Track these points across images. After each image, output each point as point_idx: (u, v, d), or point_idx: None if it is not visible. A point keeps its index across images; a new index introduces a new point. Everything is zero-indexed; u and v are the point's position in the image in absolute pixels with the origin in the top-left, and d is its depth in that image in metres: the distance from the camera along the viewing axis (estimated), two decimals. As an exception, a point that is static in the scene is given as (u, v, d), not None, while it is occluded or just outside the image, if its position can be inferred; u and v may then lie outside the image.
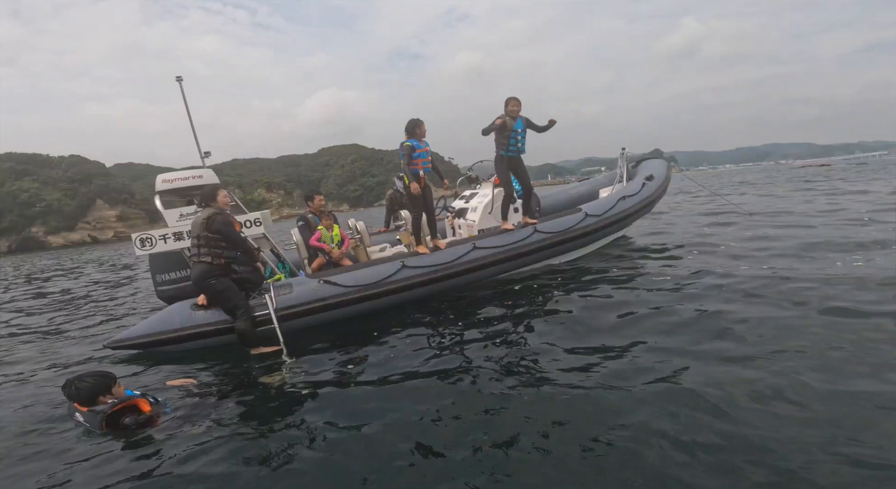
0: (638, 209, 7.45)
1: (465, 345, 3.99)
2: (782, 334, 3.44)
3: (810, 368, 2.88)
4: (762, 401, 2.58)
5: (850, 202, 11.22)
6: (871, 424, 2.29)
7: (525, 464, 2.25)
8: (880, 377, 2.71)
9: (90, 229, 77.69)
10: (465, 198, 7.71)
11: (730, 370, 2.96)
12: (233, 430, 2.87)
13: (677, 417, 2.48)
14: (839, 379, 2.74)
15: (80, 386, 3.06)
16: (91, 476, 2.52)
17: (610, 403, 2.71)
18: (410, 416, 2.84)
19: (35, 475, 2.60)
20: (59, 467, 2.64)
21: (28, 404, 3.65)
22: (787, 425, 2.34)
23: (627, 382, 2.94)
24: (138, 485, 2.39)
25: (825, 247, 6.16)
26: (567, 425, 2.54)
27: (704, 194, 17.41)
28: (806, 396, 2.58)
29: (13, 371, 4.68)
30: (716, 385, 2.78)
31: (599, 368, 3.21)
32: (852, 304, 3.87)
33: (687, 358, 3.21)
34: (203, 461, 2.54)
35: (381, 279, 5.14)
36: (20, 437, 3.08)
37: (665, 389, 2.80)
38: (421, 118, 5.62)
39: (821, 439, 2.21)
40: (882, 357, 2.95)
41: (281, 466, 2.44)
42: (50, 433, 3.10)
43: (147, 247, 5.06)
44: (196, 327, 4.63)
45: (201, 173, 5.43)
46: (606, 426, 2.48)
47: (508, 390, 3.02)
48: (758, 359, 3.07)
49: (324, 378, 3.63)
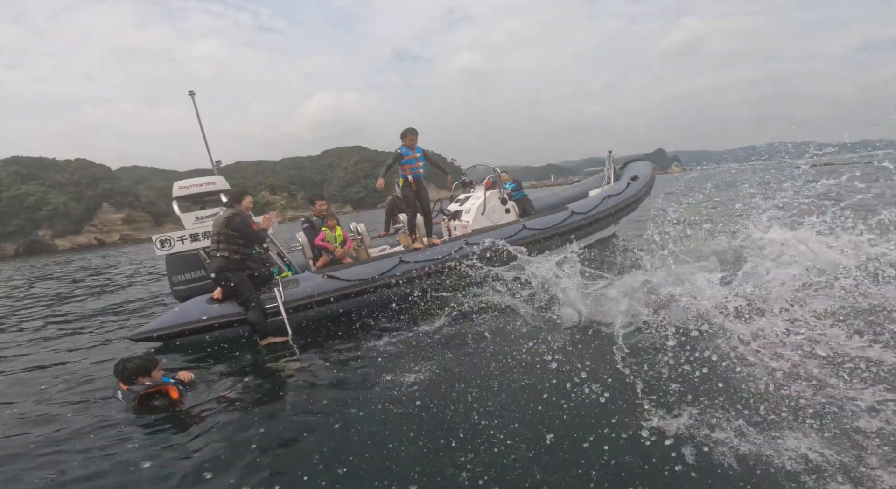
0: (622, 207, 7.93)
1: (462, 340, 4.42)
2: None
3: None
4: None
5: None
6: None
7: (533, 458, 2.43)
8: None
9: (96, 232, 78.55)
10: (459, 201, 8.19)
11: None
12: (243, 417, 3.26)
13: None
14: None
15: (126, 365, 3.57)
16: (113, 445, 3.02)
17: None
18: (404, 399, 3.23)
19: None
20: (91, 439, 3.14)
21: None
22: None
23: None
24: (155, 460, 2.83)
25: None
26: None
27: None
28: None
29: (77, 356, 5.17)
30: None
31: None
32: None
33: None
34: (214, 445, 2.93)
35: (380, 273, 5.62)
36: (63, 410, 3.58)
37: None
38: (417, 125, 6.19)
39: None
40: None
41: (285, 447, 2.80)
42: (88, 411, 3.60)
43: (167, 247, 5.55)
44: (212, 319, 5.11)
45: (214, 180, 5.92)
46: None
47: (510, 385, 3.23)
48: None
49: (325, 366, 4.06)
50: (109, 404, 3.65)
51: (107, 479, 2.67)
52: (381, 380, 3.58)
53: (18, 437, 3.27)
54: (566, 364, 3.37)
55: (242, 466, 2.63)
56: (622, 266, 5.37)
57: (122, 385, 3.58)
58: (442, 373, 3.60)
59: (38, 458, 2.96)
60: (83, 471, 2.77)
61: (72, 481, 2.68)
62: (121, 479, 2.64)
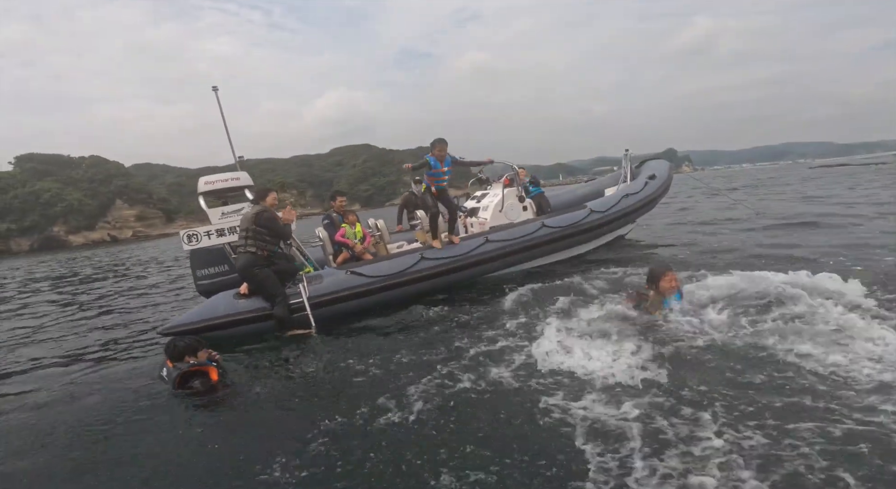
0: (640, 206, 7.92)
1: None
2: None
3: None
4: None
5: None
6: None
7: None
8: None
9: (110, 228, 79.57)
10: (476, 198, 8.23)
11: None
12: (271, 403, 3.44)
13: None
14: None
15: (177, 343, 3.77)
16: (152, 418, 3.25)
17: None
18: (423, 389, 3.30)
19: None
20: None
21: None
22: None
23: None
24: (186, 433, 3.02)
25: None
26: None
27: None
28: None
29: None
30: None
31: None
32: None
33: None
34: (244, 425, 3.13)
35: (402, 269, 5.69)
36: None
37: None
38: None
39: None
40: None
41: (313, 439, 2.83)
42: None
43: (193, 242, 5.66)
44: (239, 314, 5.21)
45: (238, 176, 6.03)
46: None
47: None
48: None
49: (348, 358, 4.11)
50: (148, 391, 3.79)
51: (147, 455, 2.83)
52: (407, 374, 3.61)
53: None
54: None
55: (284, 454, 2.70)
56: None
57: (169, 363, 3.74)
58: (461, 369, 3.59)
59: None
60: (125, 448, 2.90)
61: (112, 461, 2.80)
62: (159, 459, 2.78)
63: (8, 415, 3.72)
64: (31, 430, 3.34)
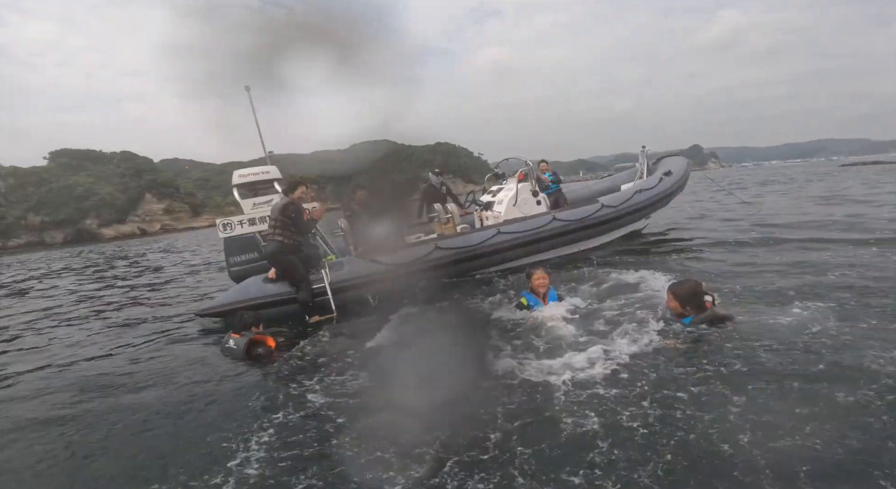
0: (653, 202, 8.07)
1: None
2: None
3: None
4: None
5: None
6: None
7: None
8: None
9: (139, 222, 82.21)
10: (492, 192, 8.51)
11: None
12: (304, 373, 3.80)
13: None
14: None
15: (244, 316, 4.38)
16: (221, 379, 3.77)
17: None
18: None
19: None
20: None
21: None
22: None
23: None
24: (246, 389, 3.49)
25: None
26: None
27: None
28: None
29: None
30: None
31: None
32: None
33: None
34: (290, 387, 3.52)
35: (418, 258, 6.05)
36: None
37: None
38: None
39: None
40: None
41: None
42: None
43: (228, 230, 6.14)
44: (268, 297, 5.64)
45: (268, 169, 6.50)
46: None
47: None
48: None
49: (366, 343, 4.35)
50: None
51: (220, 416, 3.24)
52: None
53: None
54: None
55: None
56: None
57: (234, 334, 4.28)
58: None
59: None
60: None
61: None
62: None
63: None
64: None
